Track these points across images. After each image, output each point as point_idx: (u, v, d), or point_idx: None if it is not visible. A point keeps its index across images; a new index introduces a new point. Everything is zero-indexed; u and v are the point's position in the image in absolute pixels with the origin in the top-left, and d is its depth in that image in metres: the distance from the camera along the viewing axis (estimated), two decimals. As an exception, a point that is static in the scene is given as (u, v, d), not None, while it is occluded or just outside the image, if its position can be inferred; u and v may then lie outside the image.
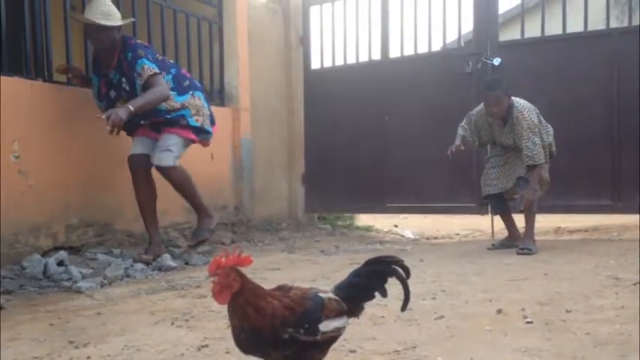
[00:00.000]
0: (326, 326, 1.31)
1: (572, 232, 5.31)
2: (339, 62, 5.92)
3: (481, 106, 4.12)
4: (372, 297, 1.45)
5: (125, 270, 3.31)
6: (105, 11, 3.40)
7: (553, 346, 1.81)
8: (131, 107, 3.31)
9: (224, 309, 1.31)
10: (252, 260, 1.31)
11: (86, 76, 3.75)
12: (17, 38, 3.52)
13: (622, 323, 2.02)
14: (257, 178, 5.48)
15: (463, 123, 4.25)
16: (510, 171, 4.10)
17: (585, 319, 2.10)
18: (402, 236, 5.84)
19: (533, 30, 5.17)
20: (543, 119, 4.03)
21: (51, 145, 3.52)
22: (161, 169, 3.60)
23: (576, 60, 4.86)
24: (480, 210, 5.16)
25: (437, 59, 5.46)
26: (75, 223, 3.66)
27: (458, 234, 5.80)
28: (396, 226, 6.44)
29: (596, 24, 5.14)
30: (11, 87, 3.28)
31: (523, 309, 2.26)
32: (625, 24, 5.09)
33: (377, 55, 5.68)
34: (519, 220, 4.17)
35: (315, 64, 6.07)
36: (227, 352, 1.82)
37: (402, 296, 1.45)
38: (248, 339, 1.28)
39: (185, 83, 3.68)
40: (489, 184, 4.21)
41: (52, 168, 3.52)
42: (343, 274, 1.51)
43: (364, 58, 5.77)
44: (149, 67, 3.44)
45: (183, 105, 3.62)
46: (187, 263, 3.68)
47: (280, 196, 5.95)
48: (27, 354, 1.91)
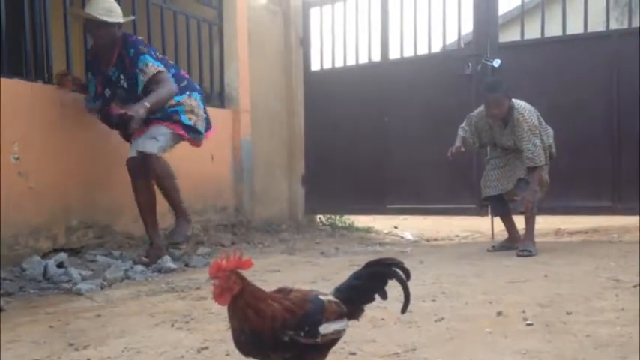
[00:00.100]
0: (326, 329, 1.31)
1: (572, 234, 5.31)
2: (339, 64, 5.93)
3: (481, 108, 4.12)
4: (372, 299, 1.44)
5: (125, 272, 3.31)
6: (106, 7, 3.41)
7: (553, 348, 1.80)
8: (147, 103, 3.32)
9: (224, 311, 1.31)
10: (252, 263, 1.31)
11: (85, 84, 3.72)
12: (17, 39, 3.52)
13: (622, 325, 2.02)
14: (257, 180, 5.48)
15: (463, 124, 4.25)
16: (510, 173, 4.10)
17: (585, 321, 2.09)
18: (402, 238, 5.84)
19: (533, 31, 5.18)
20: (543, 121, 4.03)
21: (51, 147, 3.52)
22: (144, 157, 3.46)
23: (576, 61, 4.86)
24: (480, 211, 5.15)
25: (437, 61, 5.46)
26: (75, 225, 3.65)
27: (458, 235, 5.79)
28: (396, 228, 6.44)
29: (595, 25, 5.15)
30: (11, 88, 3.28)
31: (523, 311, 2.26)
32: (625, 26, 5.09)
33: (377, 57, 5.69)
34: (519, 222, 4.17)
35: (315, 66, 6.08)
36: (227, 354, 1.82)
37: (402, 298, 1.45)
38: (248, 341, 1.28)
39: (183, 83, 3.68)
40: (489, 186, 4.21)
41: (52, 169, 3.52)
42: (343, 276, 1.51)
43: (364, 60, 5.77)
44: (153, 65, 3.46)
45: (178, 102, 3.61)
46: (187, 265, 3.68)
47: (280, 198, 5.95)
48: (27, 356, 1.91)
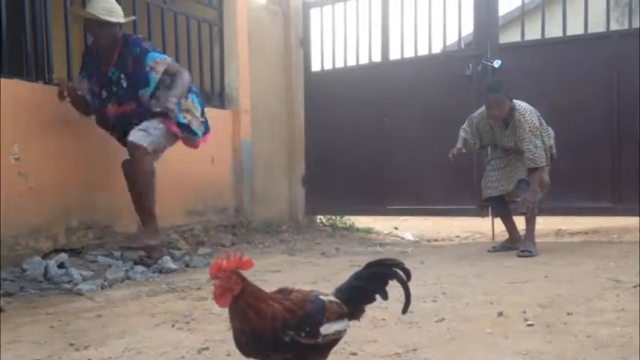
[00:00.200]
0: (327, 329, 1.31)
1: (572, 235, 5.31)
2: (340, 64, 5.93)
3: (482, 109, 4.12)
4: (373, 299, 1.45)
5: (125, 272, 3.31)
6: (108, 7, 3.41)
7: (554, 349, 1.80)
8: (174, 98, 3.39)
9: (225, 311, 1.31)
10: (253, 264, 1.31)
11: (81, 94, 3.57)
12: (18, 40, 3.52)
13: (623, 326, 2.02)
14: (257, 180, 5.48)
15: (464, 125, 4.25)
16: (511, 173, 4.10)
17: (586, 322, 2.09)
18: (403, 238, 5.84)
19: (533, 32, 5.18)
20: (544, 122, 4.03)
21: (51, 147, 3.52)
22: (132, 146, 3.38)
23: (576, 62, 4.86)
24: (481, 212, 5.15)
25: (437, 61, 5.46)
26: (75, 225, 3.65)
27: (458, 236, 5.79)
28: (397, 229, 6.44)
29: (596, 26, 5.15)
30: (11, 89, 3.28)
31: (524, 311, 2.26)
32: (625, 26, 5.10)
33: (377, 57, 5.68)
34: (520, 223, 4.17)
35: (315, 66, 6.08)
36: (228, 355, 1.82)
37: (403, 299, 1.45)
38: (249, 341, 1.28)
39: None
40: (490, 187, 4.21)
41: (52, 170, 3.52)
42: (344, 277, 1.51)
43: (364, 60, 5.77)
44: (161, 59, 3.50)
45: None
46: (188, 265, 3.68)
47: (280, 198, 5.96)
48: (27, 356, 1.91)
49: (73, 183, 3.64)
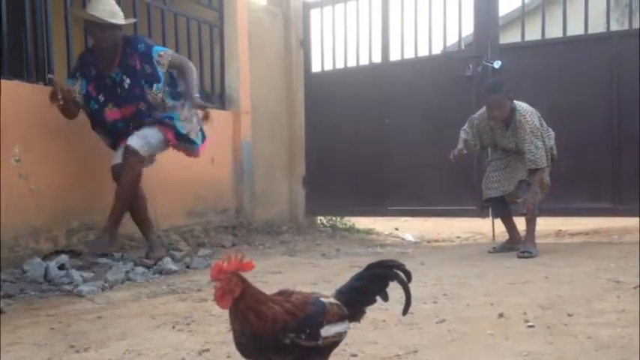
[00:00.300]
0: (327, 331, 1.31)
1: (572, 235, 5.31)
2: (340, 65, 5.93)
3: (483, 110, 4.12)
4: (374, 301, 1.44)
5: (126, 273, 3.31)
6: (110, 10, 3.39)
7: (555, 350, 1.80)
8: (196, 94, 3.48)
9: (225, 313, 1.31)
10: (253, 265, 1.31)
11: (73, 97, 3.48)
12: (18, 41, 3.52)
13: (623, 327, 2.02)
14: (257, 181, 5.49)
15: (465, 126, 4.25)
16: (512, 174, 4.10)
17: (586, 323, 2.09)
18: (403, 239, 5.83)
19: (533, 33, 5.18)
20: (545, 123, 4.03)
21: (51, 149, 3.52)
22: (130, 152, 3.39)
23: (576, 63, 4.86)
24: (481, 213, 5.15)
25: (437, 62, 5.47)
26: (76, 227, 3.65)
27: (459, 237, 5.79)
28: (397, 229, 6.44)
29: (596, 27, 5.15)
30: (12, 90, 3.28)
31: (524, 313, 2.26)
32: (625, 27, 5.10)
33: (377, 58, 5.69)
34: (520, 223, 4.17)
35: (315, 67, 6.08)
36: (228, 357, 1.82)
37: (403, 300, 1.45)
38: (249, 343, 1.28)
39: (179, 89, 3.68)
40: (490, 187, 4.21)
41: (53, 171, 3.52)
42: (344, 278, 1.50)
43: (365, 61, 5.78)
44: (164, 52, 3.54)
45: (173, 106, 3.60)
46: (188, 267, 3.68)
47: (281, 199, 5.96)
48: (28, 358, 1.91)
49: (74, 184, 3.64)
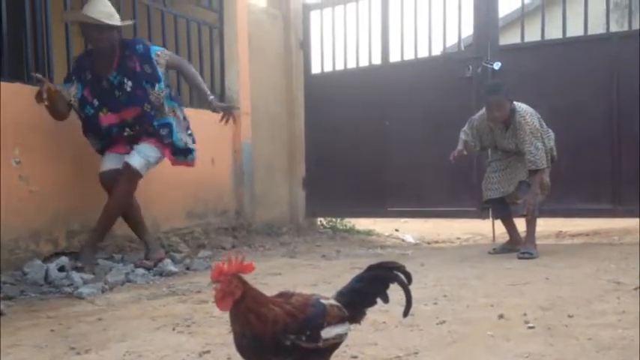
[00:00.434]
0: (328, 333, 1.31)
1: (573, 236, 5.31)
2: (340, 67, 5.92)
3: (483, 111, 4.12)
4: (374, 303, 1.45)
5: (126, 275, 3.31)
6: (107, 12, 3.39)
7: (555, 352, 1.80)
8: (211, 95, 3.62)
9: (225, 314, 1.32)
10: (254, 267, 1.31)
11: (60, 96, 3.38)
12: (18, 43, 3.52)
13: (624, 328, 2.01)
14: (258, 183, 5.48)
15: (465, 128, 4.25)
16: (512, 175, 4.10)
17: (587, 324, 2.09)
18: (403, 240, 5.83)
19: (533, 34, 5.18)
20: (544, 124, 4.03)
21: (52, 150, 3.52)
22: (130, 171, 3.42)
23: (576, 64, 4.86)
24: (481, 214, 5.15)
25: (437, 63, 5.46)
26: (76, 229, 3.66)
27: (459, 238, 5.79)
28: (397, 231, 6.43)
29: (596, 28, 5.15)
30: (12, 92, 3.28)
31: (525, 314, 2.26)
32: (625, 28, 5.09)
33: (377, 60, 5.68)
34: (520, 224, 4.17)
35: (315, 69, 6.08)
36: (229, 358, 1.82)
37: (404, 302, 1.46)
38: (250, 345, 1.28)
39: (174, 93, 3.68)
40: (490, 189, 4.21)
41: (53, 173, 3.52)
42: (344, 279, 1.51)
43: (364, 63, 5.77)
44: (162, 52, 3.55)
45: (172, 109, 3.60)
46: (188, 268, 3.68)
47: (281, 201, 5.95)
48: (28, 360, 1.91)
49: (74, 186, 3.64)
